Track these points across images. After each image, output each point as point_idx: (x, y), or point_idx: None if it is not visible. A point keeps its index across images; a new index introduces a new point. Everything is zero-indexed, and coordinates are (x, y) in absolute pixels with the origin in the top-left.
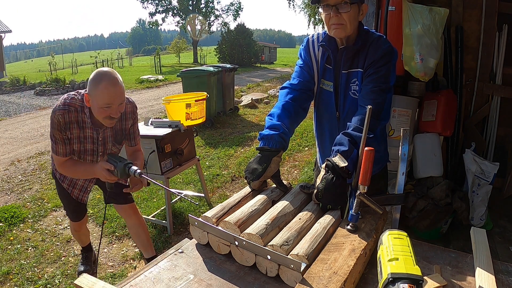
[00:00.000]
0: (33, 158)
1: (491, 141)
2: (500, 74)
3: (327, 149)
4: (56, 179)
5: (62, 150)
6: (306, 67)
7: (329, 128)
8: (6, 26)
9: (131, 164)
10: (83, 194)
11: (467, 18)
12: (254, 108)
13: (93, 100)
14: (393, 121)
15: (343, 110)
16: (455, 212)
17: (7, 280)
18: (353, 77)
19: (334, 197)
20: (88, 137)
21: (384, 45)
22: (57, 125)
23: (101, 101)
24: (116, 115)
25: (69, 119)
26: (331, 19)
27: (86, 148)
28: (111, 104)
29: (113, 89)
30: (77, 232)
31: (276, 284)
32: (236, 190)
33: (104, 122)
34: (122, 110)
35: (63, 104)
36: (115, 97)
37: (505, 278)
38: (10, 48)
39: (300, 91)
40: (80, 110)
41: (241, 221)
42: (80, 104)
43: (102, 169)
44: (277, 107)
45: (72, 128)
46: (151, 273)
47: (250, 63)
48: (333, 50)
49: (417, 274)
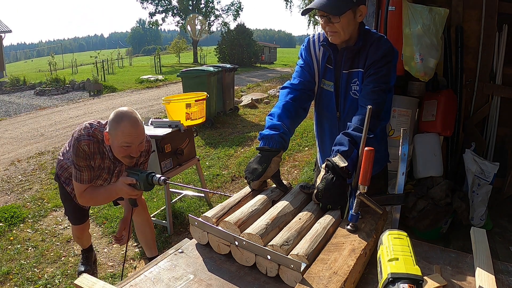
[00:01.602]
0: (33, 158)
1: (491, 141)
2: (500, 74)
3: (327, 149)
4: (60, 183)
5: (87, 177)
6: (306, 67)
7: (330, 128)
8: (6, 26)
9: (154, 173)
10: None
11: (467, 18)
12: (254, 108)
13: (113, 139)
14: (393, 121)
15: (343, 110)
16: (455, 212)
17: (7, 280)
18: (354, 77)
19: (334, 197)
20: (106, 167)
21: (384, 45)
22: (83, 154)
23: (121, 140)
24: (136, 155)
25: (94, 150)
26: (325, 27)
27: (101, 175)
28: (131, 144)
29: (134, 129)
30: (79, 239)
31: (276, 284)
32: (236, 190)
33: (123, 160)
34: (142, 149)
35: (88, 134)
36: (135, 137)
37: (505, 278)
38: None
39: (301, 91)
40: (102, 141)
41: (241, 221)
42: (102, 136)
43: (123, 185)
44: (278, 107)
45: (96, 159)
46: (151, 273)
47: (250, 63)
48: (333, 50)
49: (417, 274)
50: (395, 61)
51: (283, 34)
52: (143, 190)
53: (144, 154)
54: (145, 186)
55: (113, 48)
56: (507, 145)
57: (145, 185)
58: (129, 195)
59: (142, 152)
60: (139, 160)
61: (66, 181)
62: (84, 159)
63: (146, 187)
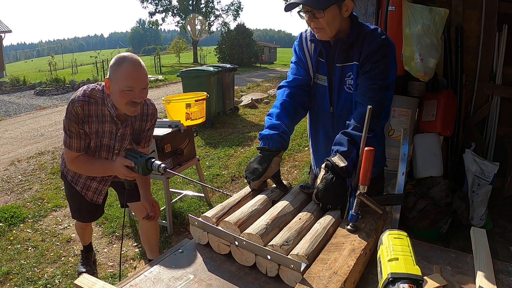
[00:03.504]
0: (33, 158)
1: (491, 141)
2: (500, 74)
3: (320, 148)
4: (66, 181)
5: (77, 145)
6: (300, 63)
7: (323, 124)
8: (6, 26)
9: (153, 159)
10: (98, 196)
11: (467, 18)
12: (254, 108)
13: (114, 84)
14: (393, 121)
15: (337, 105)
16: (455, 212)
17: (7, 280)
18: (348, 71)
19: (334, 197)
20: (107, 131)
21: (378, 37)
22: (75, 117)
23: (123, 83)
24: (139, 99)
25: (89, 112)
26: (310, 23)
27: (102, 143)
28: (133, 87)
29: (136, 71)
30: (82, 230)
31: (276, 284)
32: (236, 190)
33: (126, 109)
34: (145, 96)
35: (83, 95)
36: (137, 79)
37: (505, 278)
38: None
39: (297, 88)
40: (101, 103)
41: (241, 221)
42: (101, 96)
43: (120, 166)
44: (276, 107)
45: (91, 122)
46: (151, 273)
47: (250, 63)
48: (324, 43)
49: (417, 274)
50: (392, 55)
51: (283, 34)
52: (141, 174)
53: (150, 119)
54: (143, 171)
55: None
56: (507, 145)
57: (144, 169)
58: (125, 176)
59: (149, 116)
60: (146, 126)
61: (73, 180)
62: (76, 123)
63: (144, 172)
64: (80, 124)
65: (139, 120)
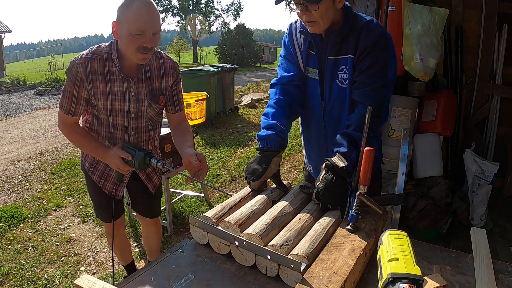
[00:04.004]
0: (33, 158)
1: (491, 141)
2: (500, 74)
3: (312, 144)
4: (85, 172)
5: (67, 105)
6: (289, 56)
7: (314, 120)
8: (6, 26)
9: (153, 154)
10: (118, 187)
11: (467, 18)
12: (254, 108)
13: (122, 27)
14: (393, 121)
15: (328, 99)
16: (455, 212)
17: (7, 280)
18: (341, 64)
19: (334, 197)
20: (117, 92)
21: (376, 29)
22: (73, 76)
23: (133, 26)
24: (150, 45)
25: (92, 69)
26: (302, 16)
27: (115, 107)
28: (144, 31)
29: (147, 11)
30: (110, 237)
31: (276, 284)
32: (236, 190)
33: (135, 56)
34: (157, 43)
35: (87, 52)
36: (149, 21)
37: (505, 278)
38: (10, 48)
39: (289, 84)
40: (107, 58)
41: (241, 221)
42: (107, 51)
43: (116, 156)
44: (270, 106)
45: (96, 81)
46: (151, 273)
47: (250, 63)
48: (314, 35)
49: (417, 274)
50: (391, 48)
51: (283, 34)
52: (137, 169)
53: (171, 72)
54: (140, 165)
55: None
56: (507, 145)
57: (140, 163)
58: (117, 167)
59: (168, 70)
60: (167, 81)
61: (90, 168)
62: (73, 82)
63: (141, 166)
64: (76, 85)
65: (157, 76)
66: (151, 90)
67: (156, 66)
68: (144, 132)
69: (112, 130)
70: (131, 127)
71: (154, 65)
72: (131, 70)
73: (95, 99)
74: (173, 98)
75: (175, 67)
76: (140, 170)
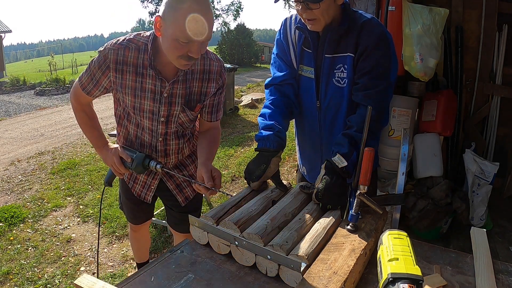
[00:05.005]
0: (33, 158)
1: (491, 141)
2: (500, 74)
3: (306, 144)
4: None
5: (85, 82)
6: (282, 54)
7: (309, 119)
8: (6, 26)
9: (153, 157)
10: (146, 191)
11: (467, 18)
12: (254, 108)
13: (167, 27)
14: (393, 121)
15: (324, 98)
16: (455, 212)
17: (7, 280)
18: (339, 63)
19: (334, 197)
20: (148, 90)
21: (377, 28)
22: (102, 59)
23: (180, 32)
24: (196, 55)
25: (125, 59)
26: (303, 14)
27: (143, 106)
28: (193, 38)
29: (200, 17)
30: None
31: (276, 284)
32: (236, 190)
33: (178, 63)
34: (204, 50)
35: (124, 39)
36: (200, 30)
37: (505, 278)
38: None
39: (284, 84)
40: (143, 50)
41: (241, 221)
42: (145, 41)
43: (115, 153)
44: (266, 107)
45: (126, 72)
46: (151, 273)
47: (250, 63)
48: (311, 32)
49: (417, 274)
50: (392, 47)
51: None
52: (134, 171)
53: (216, 78)
54: (137, 167)
55: None
56: (507, 145)
57: (138, 165)
58: (112, 166)
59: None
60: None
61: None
62: (99, 65)
63: (139, 169)
64: (102, 71)
65: (198, 79)
66: (188, 94)
67: (200, 67)
68: (173, 139)
69: (140, 131)
70: (159, 132)
71: (197, 66)
72: (168, 68)
73: (122, 93)
74: (213, 107)
75: (222, 73)
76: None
